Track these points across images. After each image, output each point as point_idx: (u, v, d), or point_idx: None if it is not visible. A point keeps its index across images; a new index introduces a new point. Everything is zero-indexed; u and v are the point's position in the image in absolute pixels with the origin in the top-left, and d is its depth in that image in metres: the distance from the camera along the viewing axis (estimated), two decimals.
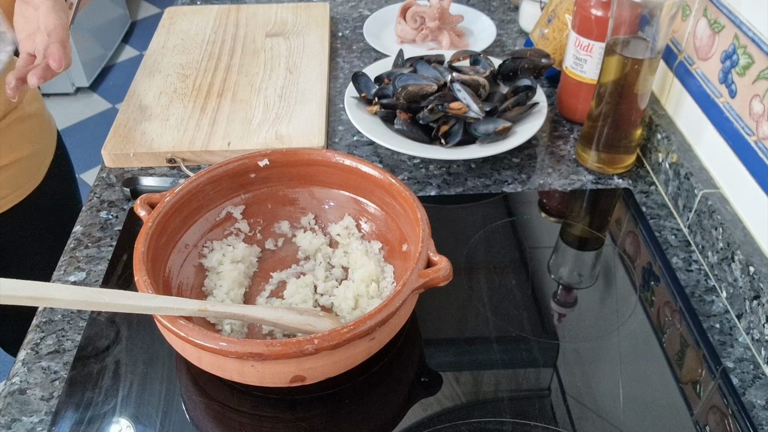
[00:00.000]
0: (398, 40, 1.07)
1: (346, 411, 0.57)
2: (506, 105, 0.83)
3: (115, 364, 0.61)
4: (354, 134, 0.89)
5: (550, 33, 0.92)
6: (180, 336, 0.51)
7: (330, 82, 0.99)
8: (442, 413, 0.57)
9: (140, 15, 3.10)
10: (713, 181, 0.72)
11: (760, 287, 0.60)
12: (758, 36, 0.64)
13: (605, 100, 0.77)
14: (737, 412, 0.57)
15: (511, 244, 0.73)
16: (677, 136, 0.78)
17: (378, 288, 0.63)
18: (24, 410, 0.58)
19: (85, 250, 0.73)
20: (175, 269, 0.63)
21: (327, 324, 0.57)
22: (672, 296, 0.67)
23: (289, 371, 0.52)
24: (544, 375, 0.60)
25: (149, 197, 0.63)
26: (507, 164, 0.84)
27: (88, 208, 0.79)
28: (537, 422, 0.56)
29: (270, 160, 0.68)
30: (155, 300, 0.52)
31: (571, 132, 0.89)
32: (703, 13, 0.74)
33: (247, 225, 0.70)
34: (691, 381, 0.59)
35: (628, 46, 0.73)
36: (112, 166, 0.85)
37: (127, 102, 0.92)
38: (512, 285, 0.68)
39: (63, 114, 2.53)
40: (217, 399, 0.58)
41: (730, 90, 0.69)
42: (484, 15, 1.10)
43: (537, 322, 0.65)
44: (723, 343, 0.63)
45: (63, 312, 0.66)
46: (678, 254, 0.72)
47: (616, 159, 0.81)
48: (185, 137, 0.85)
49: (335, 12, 1.17)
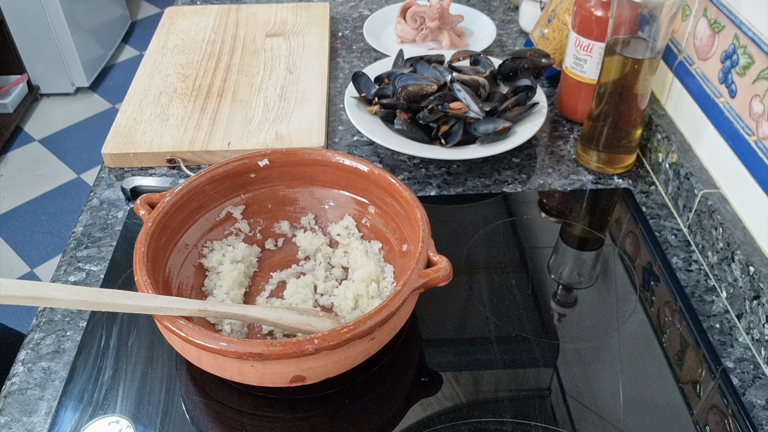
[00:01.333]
0: (398, 40, 1.07)
1: (346, 411, 0.57)
2: (506, 105, 0.83)
3: (115, 364, 0.61)
4: (354, 134, 0.89)
5: (550, 33, 0.92)
6: (180, 336, 0.51)
7: (330, 82, 0.99)
8: (442, 413, 0.57)
9: (140, 15, 3.10)
10: (713, 181, 0.72)
11: (760, 287, 0.60)
12: (758, 36, 0.64)
13: (605, 100, 0.77)
14: (737, 412, 0.57)
15: (511, 244, 0.73)
16: (677, 136, 0.78)
17: (378, 288, 0.63)
18: (24, 410, 0.58)
19: (85, 250, 0.73)
20: (175, 269, 0.63)
21: (327, 324, 0.57)
22: (672, 296, 0.67)
23: (289, 371, 0.52)
24: (544, 375, 0.60)
25: (149, 197, 0.63)
26: (507, 164, 0.84)
27: (88, 208, 0.79)
28: (537, 422, 0.56)
29: (270, 160, 0.68)
30: (155, 300, 0.52)
31: (571, 132, 0.89)
32: (703, 13, 0.74)
33: (247, 225, 0.70)
34: (691, 381, 0.59)
35: (628, 46, 0.73)
36: (112, 166, 0.85)
37: (127, 102, 0.92)
38: (512, 285, 0.68)
39: (63, 114, 2.53)
40: (217, 399, 0.58)
41: (730, 90, 0.69)
42: (484, 15, 1.10)
43: (537, 322, 0.65)
44: (723, 343, 0.63)
45: (63, 312, 0.66)
46: (678, 254, 0.72)
47: (616, 159, 0.81)
48: (185, 137, 0.85)
49: (335, 12, 1.17)
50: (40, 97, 2.61)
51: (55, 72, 2.50)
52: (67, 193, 2.22)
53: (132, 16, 3.05)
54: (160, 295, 0.54)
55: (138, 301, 0.52)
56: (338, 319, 0.61)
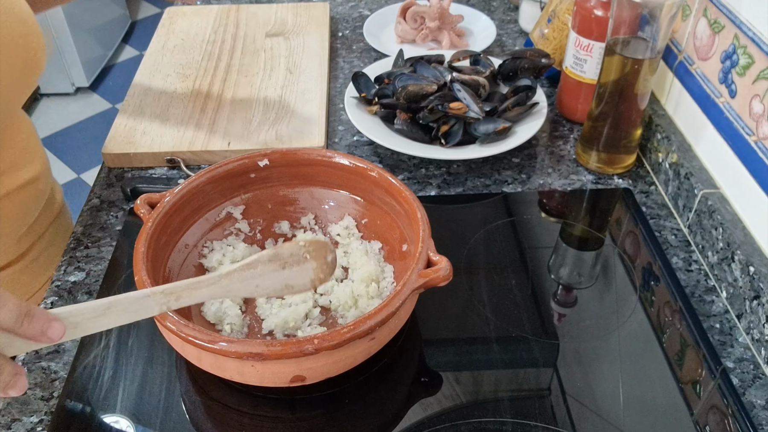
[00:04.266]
0: (398, 40, 1.07)
1: (346, 411, 0.57)
2: (506, 105, 0.83)
3: (115, 364, 0.61)
4: (354, 134, 0.89)
5: (550, 33, 0.92)
6: (180, 336, 0.51)
7: (330, 82, 0.99)
8: (442, 413, 0.57)
9: (140, 15, 3.10)
10: (713, 181, 0.72)
11: (760, 287, 0.60)
12: (758, 36, 0.64)
13: (605, 100, 0.77)
14: (737, 412, 0.57)
15: (511, 244, 0.73)
16: (677, 136, 0.78)
17: (378, 288, 0.63)
18: (24, 410, 0.58)
19: (85, 250, 0.73)
20: (175, 269, 0.63)
21: (308, 271, 0.55)
22: (672, 296, 0.67)
23: (289, 371, 0.52)
24: (544, 375, 0.60)
25: (149, 197, 0.63)
26: (507, 164, 0.84)
27: (88, 208, 0.79)
28: (537, 422, 0.56)
29: (270, 160, 0.68)
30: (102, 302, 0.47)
31: (571, 132, 0.89)
32: (703, 13, 0.74)
33: (247, 225, 0.70)
34: (691, 381, 0.59)
35: (628, 46, 0.73)
36: (112, 166, 0.85)
37: (127, 102, 0.92)
38: (512, 285, 0.68)
39: (63, 114, 2.53)
40: (217, 399, 0.58)
41: (730, 90, 0.69)
42: (484, 15, 1.10)
43: (537, 322, 0.64)
44: (723, 343, 0.63)
45: None
46: (678, 254, 0.72)
47: (616, 159, 0.81)
48: (185, 137, 0.85)
49: (335, 12, 1.17)
50: (40, 97, 2.61)
51: (55, 72, 2.50)
52: (67, 193, 2.21)
53: (132, 16, 3.05)
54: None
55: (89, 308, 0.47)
56: (326, 244, 0.56)
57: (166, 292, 0.49)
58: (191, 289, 0.50)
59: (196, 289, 0.51)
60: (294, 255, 0.54)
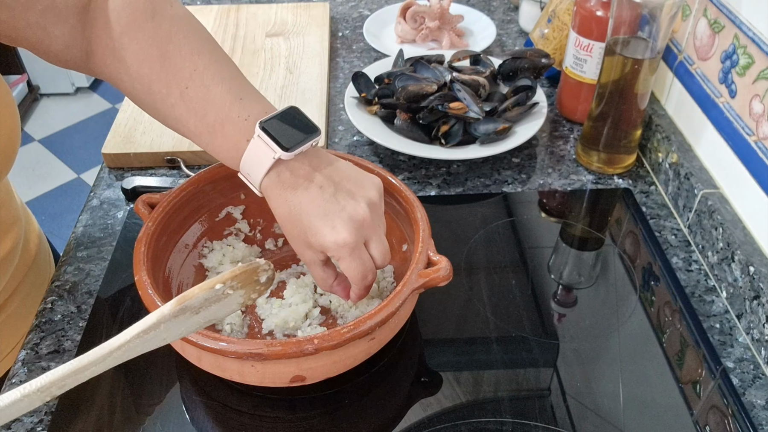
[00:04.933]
0: (398, 40, 1.07)
1: (346, 411, 0.57)
2: (506, 105, 0.83)
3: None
4: (354, 134, 0.89)
5: (550, 33, 0.92)
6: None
7: (330, 82, 0.99)
8: (442, 413, 0.57)
9: None
10: (713, 181, 0.72)
11: (760, 287, 0.60)
12: (758, 36, 0.64)
13: (605, 100, 0.77)
14: (737, 412, 0.57)
15: (511, 244, 0.73)
16: (677, 136, 0.78)
17: (378, 288, 0.63)
18: None
19: (85, 250, 0.73)
20: (175, 269, 0.63)
21: (234, 301, 0.48)
22: (672, 296, 0.67)
23: (289, 371, 0.52)
24: (544, 375, 0.60)
25: (149, 197, 0.63)
26: (507, 164, 0.84)
27: (88, 209, 0.79)
28: (537, 422, 0.56)
29: None
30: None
31: (571, 132, 0.89)
32: (703, 13, 0.74)
33: (247, 225, 0.70)
34: (691, 381, 0.59)
35: (628, 46, 0.73)
36: (112, 166, 0.85)
37: (127, 102, 0.92)
38: (512, 285, 0.68)
39: (63, 114, 2.53)
40: (217, 399, 0.58)
41: (730, 90, 0.69)
42: (484, 15, 1.10)
43: (537, 322, 0.65)
44: (723, 343, 0.63)
45: (63, 312, 0.66)
46: (678, 254, 0.72)
47: (616, 159, 0.81)
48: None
49: (335, 12, 1.17)
50: (40, 97, 2.61)
51: (55, 72, 2.50)
52: (67, 193, 2.22)
53: None
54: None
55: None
56: (255, 270, 0.49)
57: (42, 389, 0.41)
58: (75, 374, 0.43)
59: (80, 373, 0.43)
60: (209, 299, 0.46)
